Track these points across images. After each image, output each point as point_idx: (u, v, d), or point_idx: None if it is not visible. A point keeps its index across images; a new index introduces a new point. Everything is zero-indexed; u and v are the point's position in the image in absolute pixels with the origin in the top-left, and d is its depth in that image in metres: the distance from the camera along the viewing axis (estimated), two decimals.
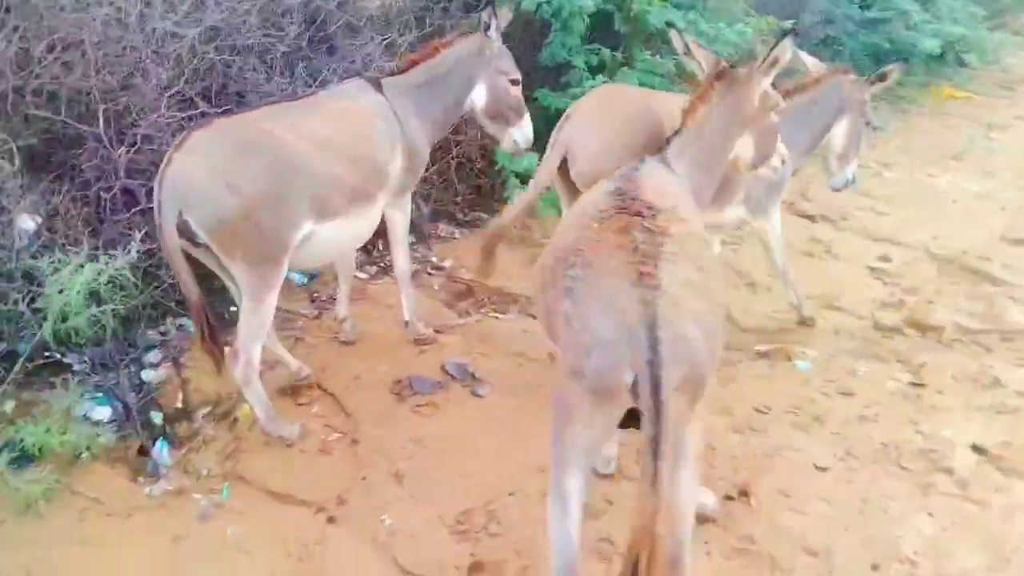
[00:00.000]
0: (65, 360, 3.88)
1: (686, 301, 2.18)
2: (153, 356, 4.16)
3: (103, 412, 3.79)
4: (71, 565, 3.06)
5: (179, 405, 3.96)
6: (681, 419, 2.16)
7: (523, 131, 4.47)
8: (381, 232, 4.24)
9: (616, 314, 2.15)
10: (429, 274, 5.34)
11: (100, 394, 3.84)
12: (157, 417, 3.83)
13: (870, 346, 4.80)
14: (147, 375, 4.04)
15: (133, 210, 4.08)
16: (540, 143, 5.81)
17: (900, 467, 3.72)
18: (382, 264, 5.29)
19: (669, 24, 5.76)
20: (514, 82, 4.36)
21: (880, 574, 3.15)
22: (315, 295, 4.91)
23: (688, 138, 3.12)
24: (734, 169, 3.44)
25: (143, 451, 3.66)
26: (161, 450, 3.70)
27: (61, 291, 3.53)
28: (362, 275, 5.13)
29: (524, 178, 5.41)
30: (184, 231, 3.27)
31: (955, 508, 3.47)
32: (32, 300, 3.66)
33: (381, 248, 5.30)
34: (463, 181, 5.88)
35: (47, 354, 3.81)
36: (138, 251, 3.63)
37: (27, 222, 3.95)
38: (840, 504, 3.47)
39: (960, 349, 4.81)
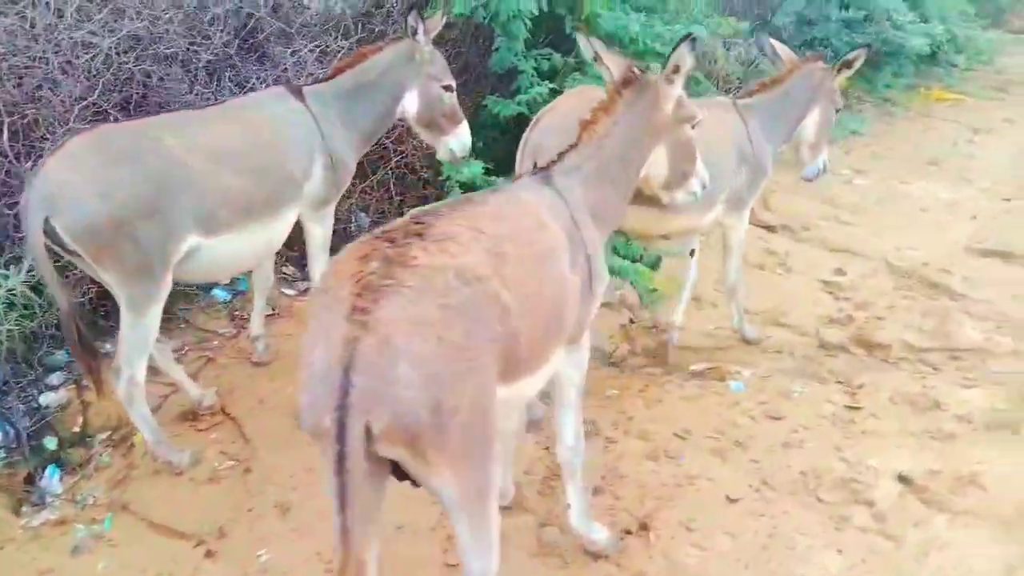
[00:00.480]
0: None
1: (406, 342, 1.93)
2: (56, 378, 4.04)
3: None
4: None
5: (77, 429, 3.85)
6: (422, 468, 2.02)
7: (459, 139, 4.33)
8: None
9: (325, 349, 1.96)
10: None
11: None
12: (51, 443, 3.72)
13: (810, 365, 4.62)
14: (45, 398, 3.92)
15: None
16: (494, 151, 5.73)
17: (817, 499, 3.54)
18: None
19: (621, 28, 5.66)
20: (447, 88, 4.22)
21: None
22: (236, 312, 4.77)
23: (586, 152, 2.89)
24: (648, 190, 3.23)
25: (31, 479, 3.55)
26: (51, 477, 3.59)
27: None
28: (289, 291, 5.00)
29: (469, 187, 5.27)
30: (52, 237, 3.13)
31: (867, 544, 3.29)
32: None
33: None
34: (408, 191, 5.73)
35: None
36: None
37: None
38: (745, 539, 3.30)
39: (906, 368, 4.61)
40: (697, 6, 6.55)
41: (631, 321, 5.03)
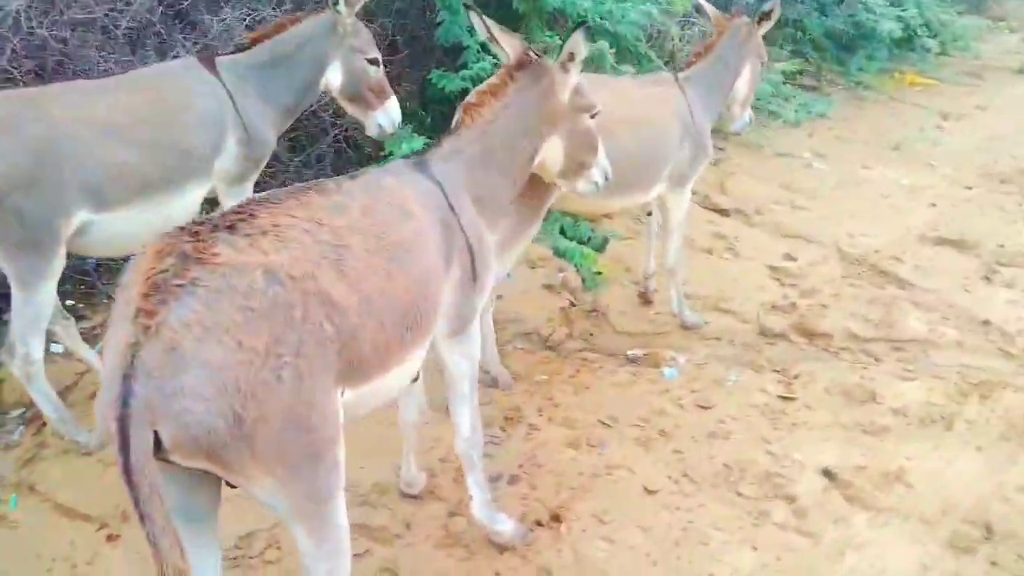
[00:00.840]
0: None
1: (199, 348, 1.76)
2: None
3: None
4: None
5: None
6: (239, 480, 1.91)
7: (388, 114, 4.18)
8: None
9: (111, 354, 1.81)
10: None
11: None
12: None
13: (748, 353, 4.54)
14: None
15: None
16: (440, 125, 5.57)
17: (737, 493, 3.46)
18: None
19: (570, 4, 5.51)
20: (372, 61, 4.06)
21: None
22: None
23: (469, 137, 2.76)
24: (546, 178, 3.12)
25: None
26: None
27: None
28: None
29: None
30: None
31: (783, 541, 3.22)
32: None
33: None
34: (347, 167, 5.57)
35: None
36: None
37: None
38: (657, 533, 3.22)
39: (846, 358, 4.54)
40: None
41: (571, 304, 4.94)
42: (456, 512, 3.26)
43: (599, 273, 5.05)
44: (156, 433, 1.76)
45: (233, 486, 2.02)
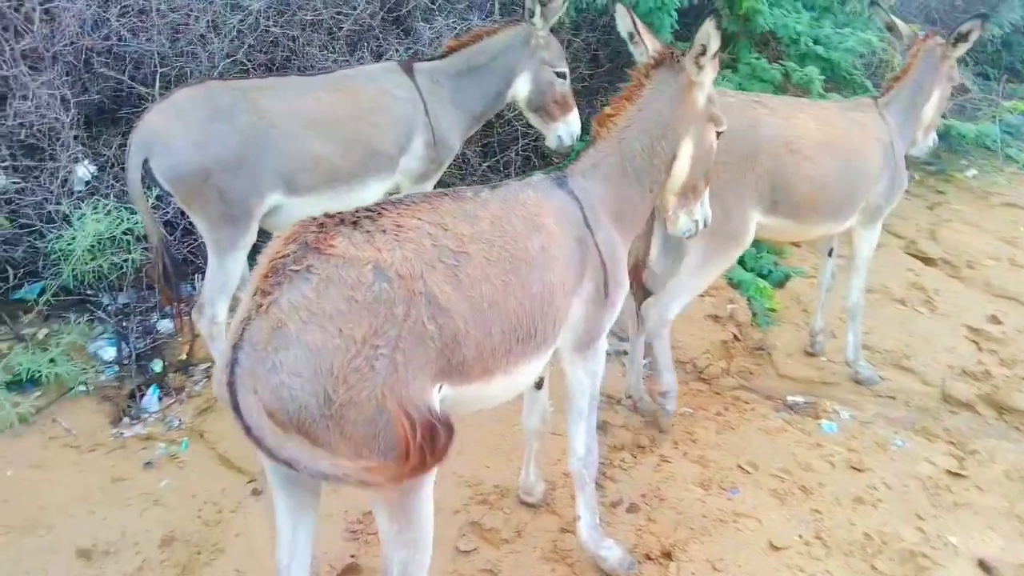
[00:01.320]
0: (91, 299, 4.26)
1: (302, 330, 1.92)
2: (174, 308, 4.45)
3: (110, 352, 4.13)
4: (15, 483, 3.40)
5: (183, 357, 4.24)
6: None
7: (569, 126, 4.30)
8: None
9: (232, 326, 2.00)
10: None
11: (113, 335, 4.20)
12: (157, 366, 4.12)
13: (924, 418, 4.17)
14: (163, 325, 4.35)
15: None
16: None
17: (871, 566, 3.20)
18: None
19: (782, 26, 5.32)
20: (560, 75, 4.19)
21: None
22: None
23: (605, 149, 2.74)
24: (667, 191, 2.92)
25: (135, 395, 3.97)
26: (151, 396, 3.99)
27: (74, 239, 3.90)
28: None
29: None
30: (151, 177, 3.43)
31: None
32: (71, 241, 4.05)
33: None
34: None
35: (77, 292, 4.21)
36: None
37: (82, 171, 4.37)
38: None
39: None
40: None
41: (735, 338, 4.77)
42: (568, 529, 3.28)
43: (773, 310, 4.84)
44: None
45: None
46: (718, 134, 2.87)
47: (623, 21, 2.91)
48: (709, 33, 2.63)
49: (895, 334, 4.83)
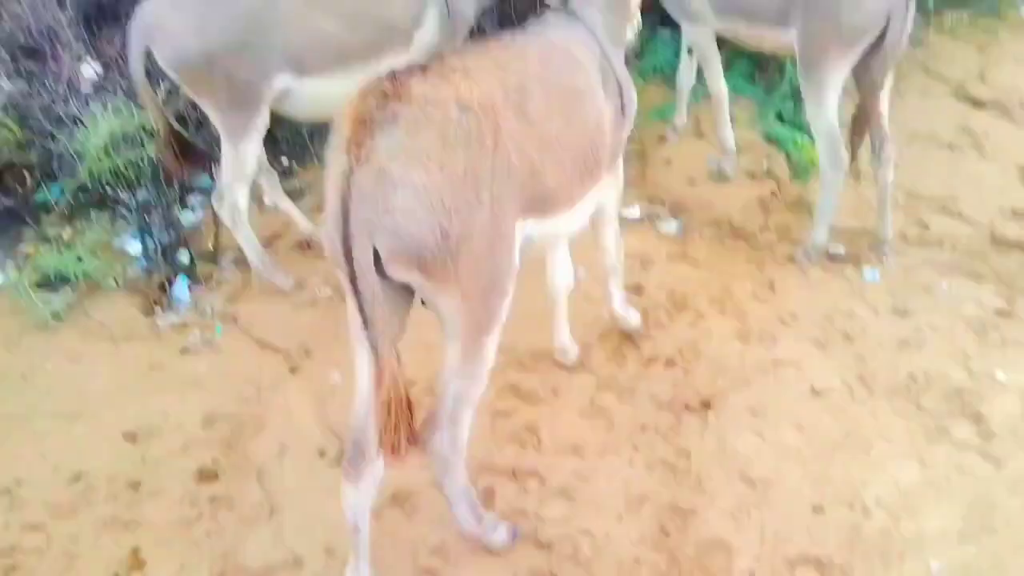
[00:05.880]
0: (110, 196, 4.23)
1: (406, 171, 2.01)
2: (195, 200, 4.43)
3: (136, 246, 4.13)
4: (56, 376, 3.47)
5: (209, 248, 4.22)
6: (435, 294, 2.16)
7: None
8: None
9: (332, 184, 2.07)
10: None
11: (137, 231, 4.18)
12: (184, 256, 4.11)
13: (971, 261, 3.99)
14: (186, 217, 4.33)
15: None
16: None
17: (916, 405, 3.14)
18: None
19: None
20: None
21: (821, 517, 2.74)
22: None
23: None
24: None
25: (164, 286, 3.98)
26: (181, 286, 3.99)
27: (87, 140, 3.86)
28: None
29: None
30: (155, 65, 3.35)
31: (958, 462, 2.90)
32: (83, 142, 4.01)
33: None
34: None
35: (97, 192, 4.19)
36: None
37: (88, 70, 4.28)
38: (815, 434, 3.02)
39: None
40: None
41: (772, 194, 4.58)
42: (604, 387, 3.26)
43: (812, 164, 4.64)
44: (374, 249, 2.03)
45: (424, 304, 2.28)
46: None
47: None
48: None
49: (942, 179, 4.59)
